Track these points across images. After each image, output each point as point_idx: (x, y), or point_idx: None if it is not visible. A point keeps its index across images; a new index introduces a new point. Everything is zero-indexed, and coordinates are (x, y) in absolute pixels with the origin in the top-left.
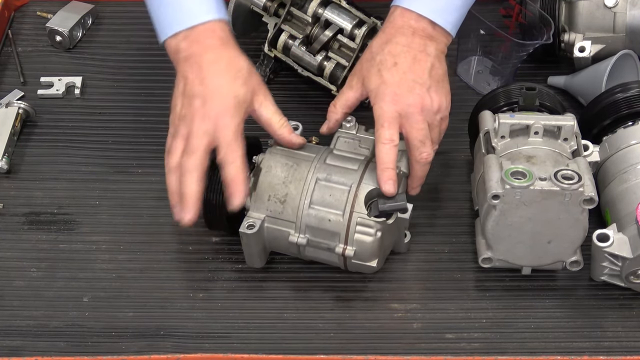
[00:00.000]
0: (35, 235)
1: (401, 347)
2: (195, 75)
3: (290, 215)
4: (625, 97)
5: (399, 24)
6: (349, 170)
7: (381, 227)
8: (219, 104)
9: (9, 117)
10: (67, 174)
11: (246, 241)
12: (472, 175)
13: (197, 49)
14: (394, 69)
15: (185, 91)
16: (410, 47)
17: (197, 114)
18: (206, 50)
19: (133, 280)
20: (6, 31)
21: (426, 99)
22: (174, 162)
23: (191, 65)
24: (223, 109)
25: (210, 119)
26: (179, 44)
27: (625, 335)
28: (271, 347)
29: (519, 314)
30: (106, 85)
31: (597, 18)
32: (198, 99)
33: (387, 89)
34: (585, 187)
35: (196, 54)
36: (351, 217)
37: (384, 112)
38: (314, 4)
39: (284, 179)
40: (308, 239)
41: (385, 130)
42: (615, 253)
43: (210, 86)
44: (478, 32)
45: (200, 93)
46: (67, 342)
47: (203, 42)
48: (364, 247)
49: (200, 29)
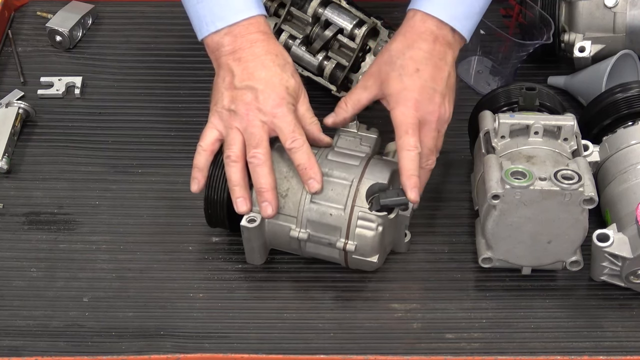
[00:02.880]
0: (35, 235)
1: (401, 347)
2: (242, 69)
3: (291, 209)
4: (625, 97)
5: (420, 30)
6: (350, 165)
7: (382, 222)
8: (273, 95)
9: (9, 117)
10: (67, 174)
11: (247, 236)
12: (472, 175)
13: (241, 43)
14: (415, 75)
15: (233, 84)
16: (431, 55)
17: (251, 106)
18: (251, 44)
19: (133, 280)
20: (6, 31)
21: (442, 109)
22: (234, 154)
23: (237, 59)
24: (278, 100)
25: (267, 110)
26: (221, 39)
27: (625, 335)
28: (271, 347)
29: (519, 314)
30: (106, 85)
31: (597, 18)
32: (249, 92)
33: (409, 95)
34: (585, 187)
35: (241, 48)
36: (352, 211)
37: (407, 117)
38: (314, 4)
39: (285, 173)
40: (309, 233)
41: (409, 137)
42: (615, 253)
43: (261, 79)
44: (478, 32)
45: (251, 86)
46: (67, 342)
47: (247, 37)
48: (365, 242)
49: (243, 24)
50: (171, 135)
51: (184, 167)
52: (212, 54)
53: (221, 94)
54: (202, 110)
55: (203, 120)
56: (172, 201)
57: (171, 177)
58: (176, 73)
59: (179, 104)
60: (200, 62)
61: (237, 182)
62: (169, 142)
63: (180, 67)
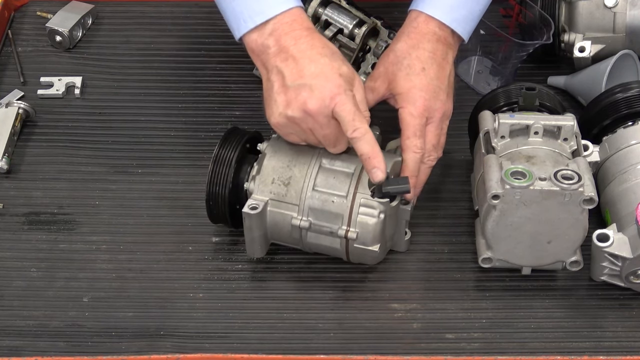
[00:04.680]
0: (35, 235)
1: (401, 347)
2: (292, 69)
3: (293, 197)
4: (625, 97)
5: (424, 31)
6: (353, 156)
7: (384, 209)
8: (328, 85)
9: (9, 117)
10: (67, 174)
11: (248, 223)
12: (472, 175)
13: (286, 41)
14: (422, 74)
15: (285, 85)
16: (435, 54)
17: (308, 106)
18: (296, 41)
19: (133, 280)
20: (6, 31)
21: (446, 106)
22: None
23: (284, 59)
24: (335, 89)
25: (325, 102)
26: (265, 41)
27: (625, 335)
28: (271, 347)
29: (519, 314)
30: (106, 85)
31: (597, 18)
32: (304, 90)
33: (417, 94)
34: (585, 187)
35: (287, 47)
36: (355, 197)
37: (414, 118)
38: (314, 4)
39: (288, 162)
40: (310, 222)
41: (417, 140)
42: (615, 253)
43: (312, 74)
44: (478, 32)
45: (303, 84)
46: (67, 342)
47: (291, 34)
48: (367, 229)
49: (285, 21)
50: (171, 135)
51: (184, 167)
52: (257, 58)
53: (274, 100)
54: (202, 110)
55: (203, 120)
56: (172, 201)
57: (171, 177)
58: (176, 73)
59: (179, 104)
60: (201, 62)
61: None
62: (169, 142)
63: (180, 67)
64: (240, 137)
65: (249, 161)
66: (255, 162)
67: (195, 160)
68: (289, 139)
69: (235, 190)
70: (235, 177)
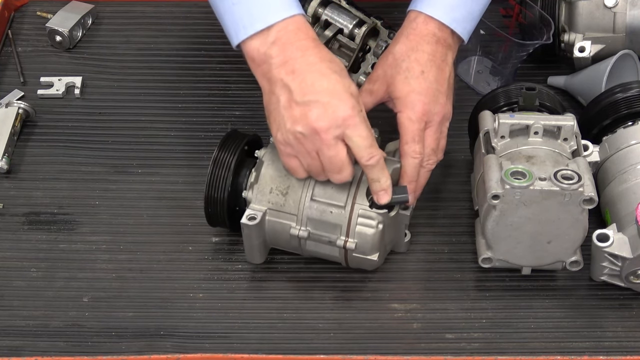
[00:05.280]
0: (35, 235)
1: (401, 347)
2: (299, 82)
3: (292, 207)
4: (625, 97)
5: (423, 32)
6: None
7: (382, 220)
8: (342, 106)
9: (9, 117)
10: (67, 174)
11: (247, 233)
12: (472, 175)
13: (291, 52)
14: (421, 78)
15: (293, 100)
16: (434, 57)
17: (319, 123)
18: (302, 53)
19: (133, 280)
20: (6, 31)
21: (446, 109)
22: (322, 176)
23: (290, 72)
24: (348, 109)
25: (337, 122)
26: (268, 50)
27: (625, 335)
28: (271, 347)
29: (519, 314)
30: (106, 85)
31: (597, 18)
32: (315, 106)
33: (416, 98)
34: (585, 187)
35: (293, 58)
36: (353, 208)
37: (413, 123)
38: (314, 4)
39: (285, 171)
40: (309, 231)
41: (415, 145)
42: (615, 253)
43: (324, 90)
44: (478, 32)
45: (315, 100)
46: (67, 342)
47: (296, 44)
48: (365, 240)
49: (289, 29)
50: (171, 135)
51: (184, 167)
52: (257, 67)
53: (281, 116)
54: (202, 110)
55: (203, 120)
56: (172, 201)
57: (171, 177)
58: (176, 73)
59: (179, 104)
60: (200, 62)
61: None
62: (169, 142)
63: (180, 67)
64: (239, 141)
65: (248, 165)
66: (254, 167)
67: (195, 161)
68: (289, 164)
69: (234, 195)
70: (233, 182)
